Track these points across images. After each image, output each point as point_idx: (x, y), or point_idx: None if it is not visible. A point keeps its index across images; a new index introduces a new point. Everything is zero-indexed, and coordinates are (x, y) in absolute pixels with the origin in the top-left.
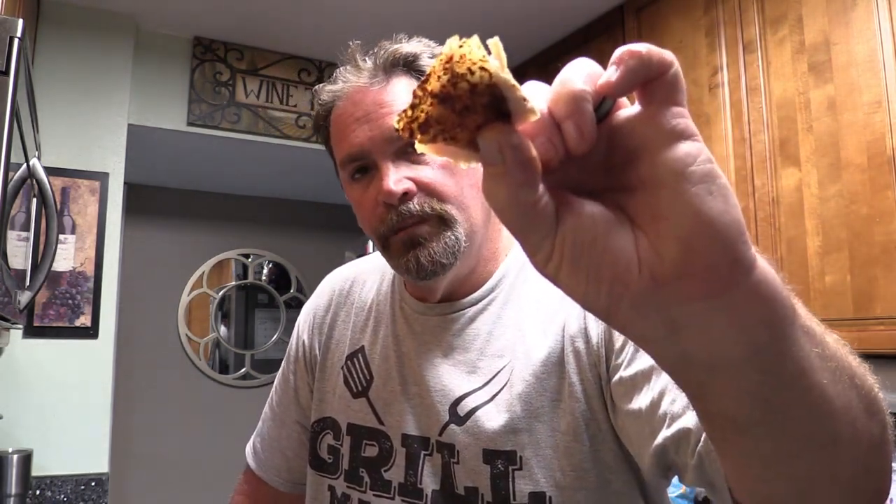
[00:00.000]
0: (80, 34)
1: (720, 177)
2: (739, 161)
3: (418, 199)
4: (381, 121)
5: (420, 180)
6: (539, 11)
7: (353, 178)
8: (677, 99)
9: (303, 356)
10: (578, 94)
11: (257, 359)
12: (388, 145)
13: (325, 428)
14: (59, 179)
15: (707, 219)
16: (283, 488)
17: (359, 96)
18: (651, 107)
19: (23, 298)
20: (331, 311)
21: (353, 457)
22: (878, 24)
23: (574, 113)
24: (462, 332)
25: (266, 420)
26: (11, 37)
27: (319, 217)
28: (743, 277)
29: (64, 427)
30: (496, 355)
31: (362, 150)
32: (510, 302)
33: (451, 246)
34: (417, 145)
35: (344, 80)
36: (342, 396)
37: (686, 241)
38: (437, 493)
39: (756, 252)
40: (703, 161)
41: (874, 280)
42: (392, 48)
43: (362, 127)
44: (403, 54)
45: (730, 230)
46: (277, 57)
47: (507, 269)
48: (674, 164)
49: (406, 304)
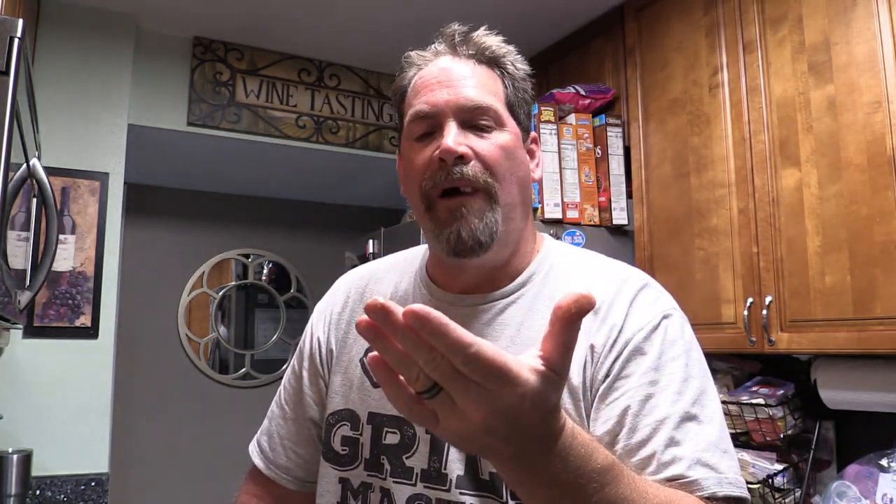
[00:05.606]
0: (80, 34)
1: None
2: (739, 161)
3: (472, 165)
4: (461, 89)
5: (479, 151)
6: (539, 11)
7: (415, 139)
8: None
9: (317, 352)
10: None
11: (257, 359)
12: (460, 112)
13: (342, 420)
14: (59, 179)
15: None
16: (292, 487)
17: (448, 65)
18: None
19: (23, 298)
20: (347, 308)
21: (374, 445)
22: (878, 24)
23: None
24: (492, 322)
25: (274, 418)
26: (11, 37)
27: (319, 217)
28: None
29: (64, 427)
30: (527, 345)
31: (436, 109)
32: (541, 296)
33: (491, 226)
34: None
35: (435, 53)
36: (361, 387)
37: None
38: (461, 478)
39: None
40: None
41: (874, 280)
42: (485, 40)
43: (442, 90)
44: (494, 49)
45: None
46: (277, 57)
47: (539, 265)
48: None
49: (433, 296)
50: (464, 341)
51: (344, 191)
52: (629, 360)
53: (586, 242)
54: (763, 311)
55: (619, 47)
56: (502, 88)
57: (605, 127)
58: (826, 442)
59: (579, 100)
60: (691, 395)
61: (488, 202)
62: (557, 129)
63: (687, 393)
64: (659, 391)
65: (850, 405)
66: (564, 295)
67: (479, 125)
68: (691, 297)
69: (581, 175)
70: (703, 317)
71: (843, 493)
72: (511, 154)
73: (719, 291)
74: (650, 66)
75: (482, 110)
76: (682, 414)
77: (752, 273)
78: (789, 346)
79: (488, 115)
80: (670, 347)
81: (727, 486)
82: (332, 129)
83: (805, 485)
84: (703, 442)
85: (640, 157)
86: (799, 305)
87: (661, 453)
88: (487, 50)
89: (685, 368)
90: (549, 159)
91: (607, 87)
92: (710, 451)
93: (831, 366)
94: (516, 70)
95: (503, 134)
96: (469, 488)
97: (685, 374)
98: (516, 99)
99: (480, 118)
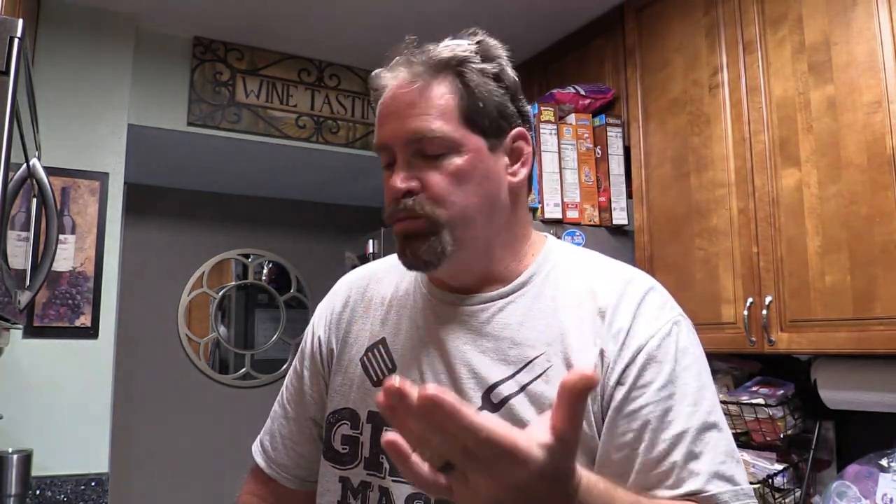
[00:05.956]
0: (80, 34)
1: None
2: (739, 161)
3: (418, 198)
4: (407, 121)
5: (427, 182)
6: (539, 11)
7: (385, 166)
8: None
9: (318, 351)
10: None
11: (257, 359)
12: (407, 145)
13: (342, 419)
14: (59, 179)
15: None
16: (293, 486)
17: (399, 92)
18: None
19: (23, 298)
20: (348, 308)
21: (374, 444)
22: (878, 24)
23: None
24: (490, 321)
25: (276, 418)
26: (11, 37)
27: (319, 217)
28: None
29: (64, 427)
30: (528, 345)
31: (387, 143)
32: (542, 296)
33: (435, 248)
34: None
35: (393, 74)
36: (361, 387)
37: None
38: None
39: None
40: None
41: (874, 280)
42: (439, 50)
43: (391, 123)
44: (449, 58)
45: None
46: (277, 57)
47: (540, 266)
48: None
49: (433, 295)
50: (476, 425)
51: (344, 191)
52: (644, 368)
53: (586, 242)
54: (763, 311)
55: (619, 47)
56: (456, 101)
57: (605, 127)
58: (826, 442)
59: (579, 100)
60: (707, 404)
61: (431, 226)
62: (557, 129)
63: (703, 402)
64: (676, 403)
65: (850, 405)
66: (571, 372)
67: (429, 154)
68: (691, 297)
69: (581, 175)
70: (703, 317)
71: (843, 493)
72: (465, 176)
73: (719, 291)
74: (650, 66)
75: (427, 140)
76: (699, 425)
77: (752, 273)
78: (789, 346)
79: (434, 143)
80: (683, 356)
81: (743, 498)
82: (332, 129)
83: (805, 485)
84: (720, 454)
85: (640, 157)
86: (799, 305)
87: (681, 468)
88: (439, 60)
89: (698, 377)
90: (549, 159)
91: (607, 87)
92: (727, 463)
93: (831, 366)
94: (478, 73)
95: (455, 158)
96: None
97: (699, 382)
98: (477, 106)
99: (427, 147)
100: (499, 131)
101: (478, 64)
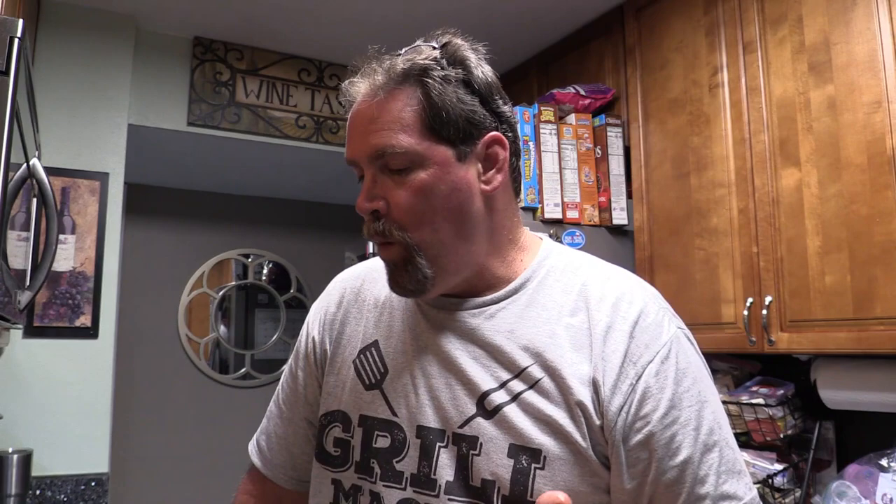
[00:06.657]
0: (80, 34)
1: None
2: (739, 161)
3: (385, 222)
4: (369, 137)
5: (391, 202)
6: (539, 11)
7: (359, 179)
8: None
9: (312, 351)
10: None
11: (257, 359)
12: (371, 161)
13: (334, 421)
14: (59, 179)
15: None
16: (288, 486)
17: (362, 107)
18: None
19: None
20: (342, 308)
21: (365, 448)
22: (878, 24)
23: None
24: (481, 327)
25: (272, 417)
26: (11, 37)
27: (319, 217)
28: None
29: (64, 427)
30: (518, 353)
31: (353, 159)
32: (535, 303)
33: (415, 277)
34: None
35: (356, 88)
36: (353, 389)
37: None
38: (451, 484)
39: None
40: None
41: (874, 280)
42: (399, 61)
43: (355, 139)
44: (409, 68)
45: None
46: (277, 57)
47: (534, 271)
48: None
49: (425, 300)
50: None
51: (344, 191)
52: (644, 397)
53: (586, 242)
54: (763, 311)
55: (619, 47)
56: (418, 112)
57: (604, 127)
58: (826, 442)
59: (579, 100)
60: (708, 422)
61: (405, 252)
62: (557, 129)
63: (704, 423)
64: (680, 428)
65: (849, 405)
66: (546, 495)
67: (393, 168)
68: (691, 297)
69: (581, 175)
70: (703, 317)
71: (843, 493)
72: (430, 191)
73: (719, 291)
74: (650, 65)
75: (390, 156)
76: (703, 447)
77: (752, 273)
78: (789, 346)
79: (397, 158)
80: (683, 378)
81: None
82: (332, 129)
83: (805, 485)
84: (724, 473)
85: (640, 157)
86: (799, 305)
87: (689, 492)
88: (399, 70)
89: (699, 395)
90: (548, 159)
91: (607, 87)
92: (730, 481)
93: (831, 366)
94: (441, 81)
95: (419, 172)
96: (459, 494)
97: (699, 400)
98: (441, 116)
99: (391, 162)
100: (467, 139)
101: (441, 70)
